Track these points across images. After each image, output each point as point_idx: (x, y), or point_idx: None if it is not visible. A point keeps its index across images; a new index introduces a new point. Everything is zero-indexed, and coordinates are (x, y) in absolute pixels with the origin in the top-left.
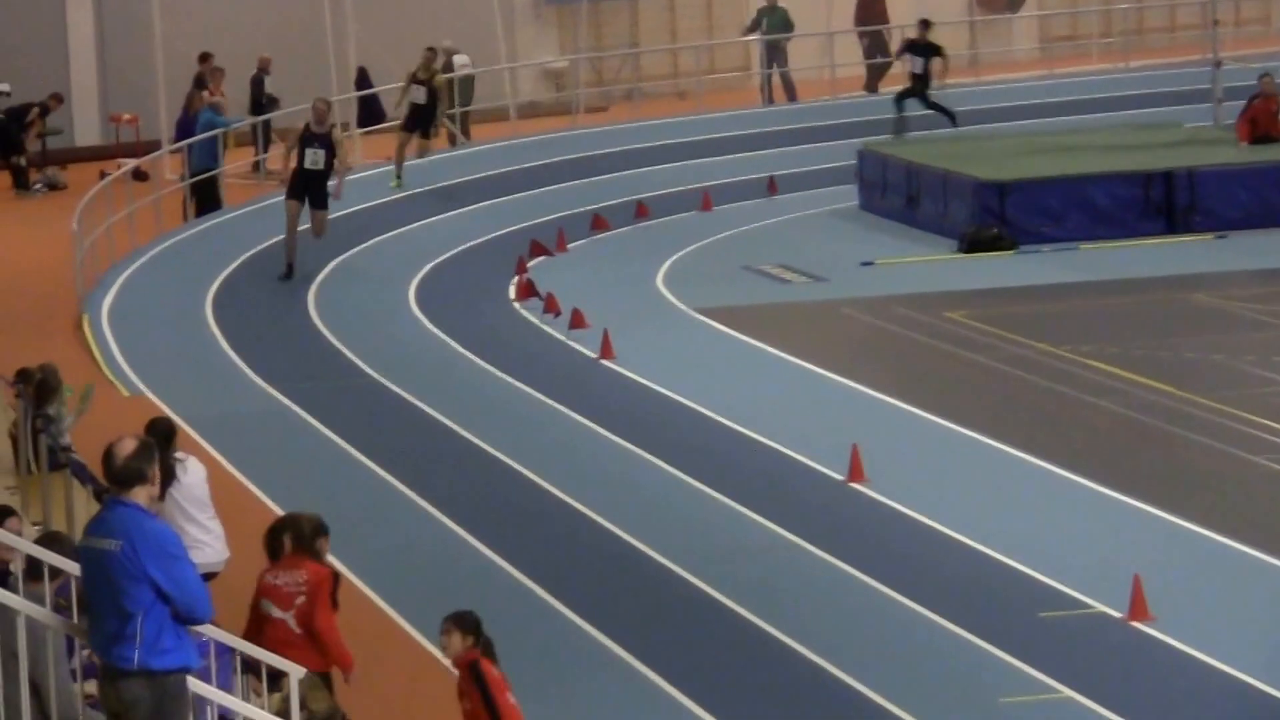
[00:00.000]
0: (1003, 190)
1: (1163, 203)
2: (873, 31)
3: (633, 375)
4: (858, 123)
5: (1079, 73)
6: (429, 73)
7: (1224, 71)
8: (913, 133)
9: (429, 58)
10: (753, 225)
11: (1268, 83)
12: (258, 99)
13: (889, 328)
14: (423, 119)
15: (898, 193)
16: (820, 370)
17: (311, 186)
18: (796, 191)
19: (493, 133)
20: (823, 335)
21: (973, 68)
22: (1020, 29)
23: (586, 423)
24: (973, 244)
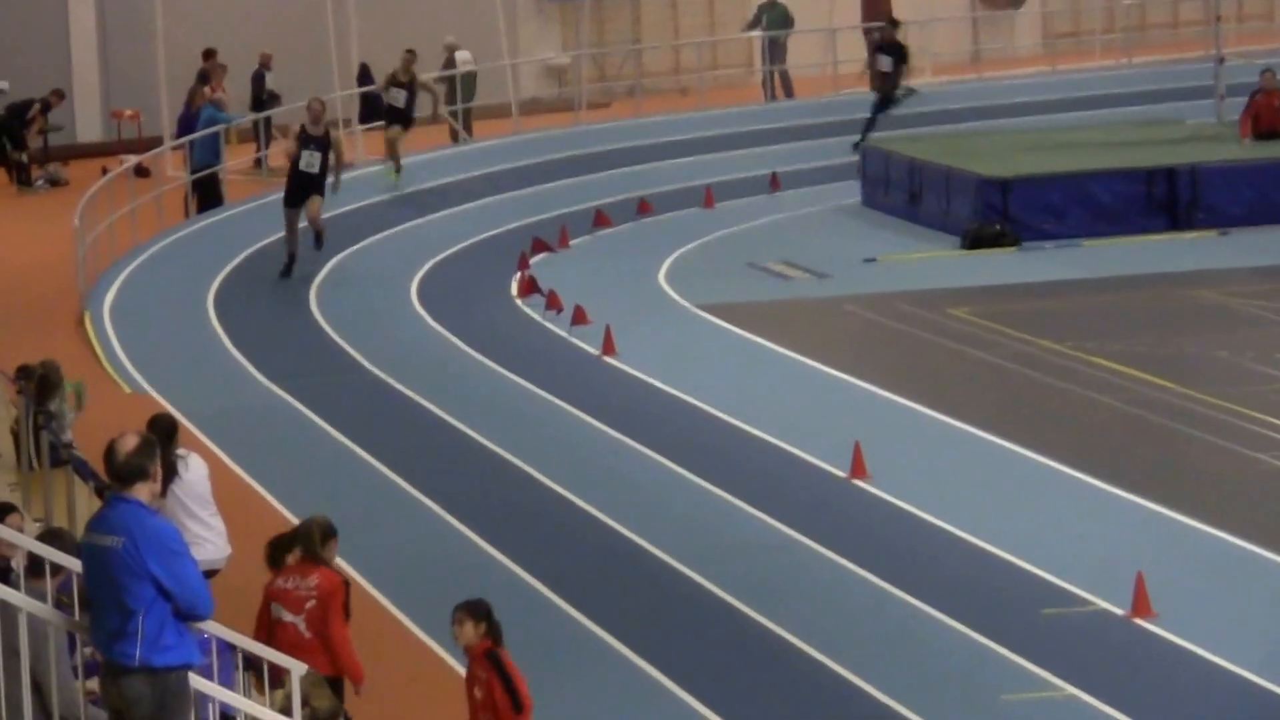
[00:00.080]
0: (1005, 187)
1: (1165, 199)
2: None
3: (635, 372)
4: (860, 119)
5: (1081, 69)
6: (409, 75)
7: (1227, 67)
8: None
9: (408, 60)
10: (755, 222)
11: (1269, 78)
12: (258, 95)
13: (891, 324)
14: (401, 121)
15: (900, 189)
16: (822, 367)
17: (307, 189)
18: (799, 188)
19: (495, 129)
20: (825, 332)
21: (975, 64)
22: (1023, 25)
23: (588, 419)
24: (975, 240)
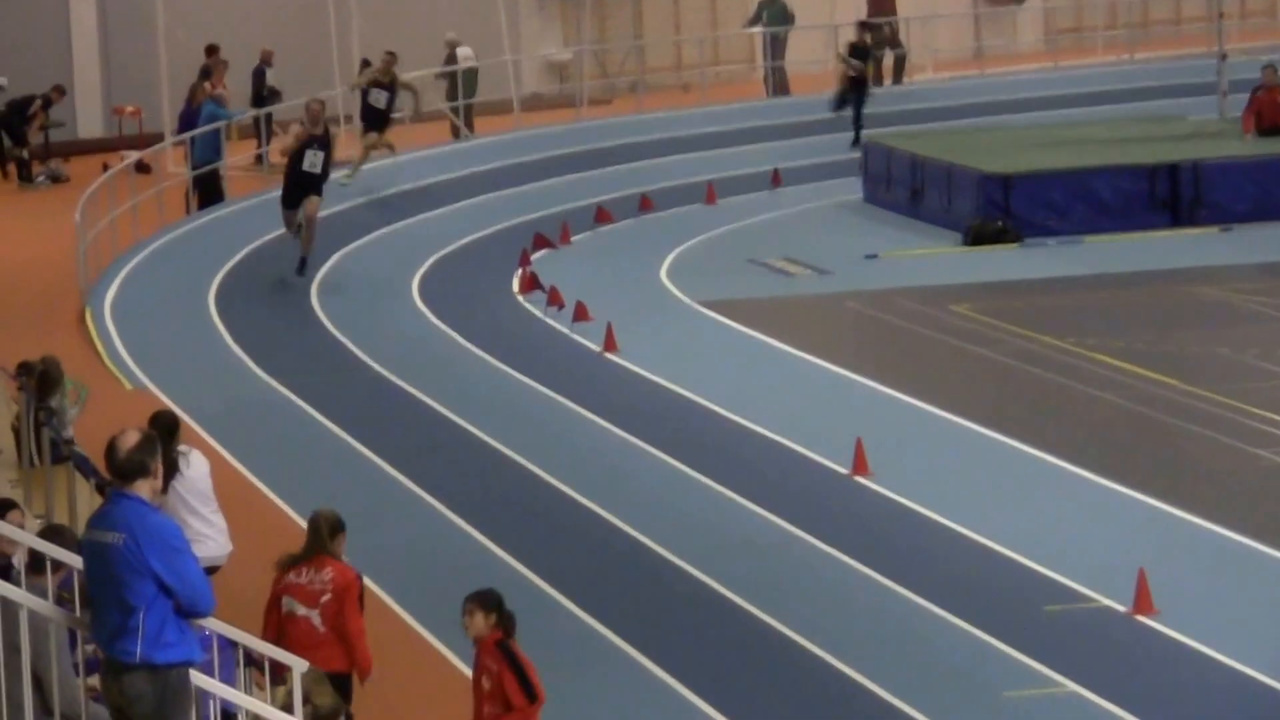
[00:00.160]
0: (1007, 183)
1: (1168, 196)
2: (882, 23)
3: (636, 368)
4: (862, 115)
5: (1084, 65)
6: (389, 76)
7: (1229, 64)
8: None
9: (389, 61)
10: (757, 218)
11: (1271, 74)
12: (259, 91)
13: (893, 321)
14: (381, 123)
15: (902, 186)
16: (824, 363)
17: (306, 188)
18: (801, 184)
19: (496, 125)
20: (826, 328)
21: (978, 60)
22: (1025, 21)
23: (589, 415)
24: (977, 237)
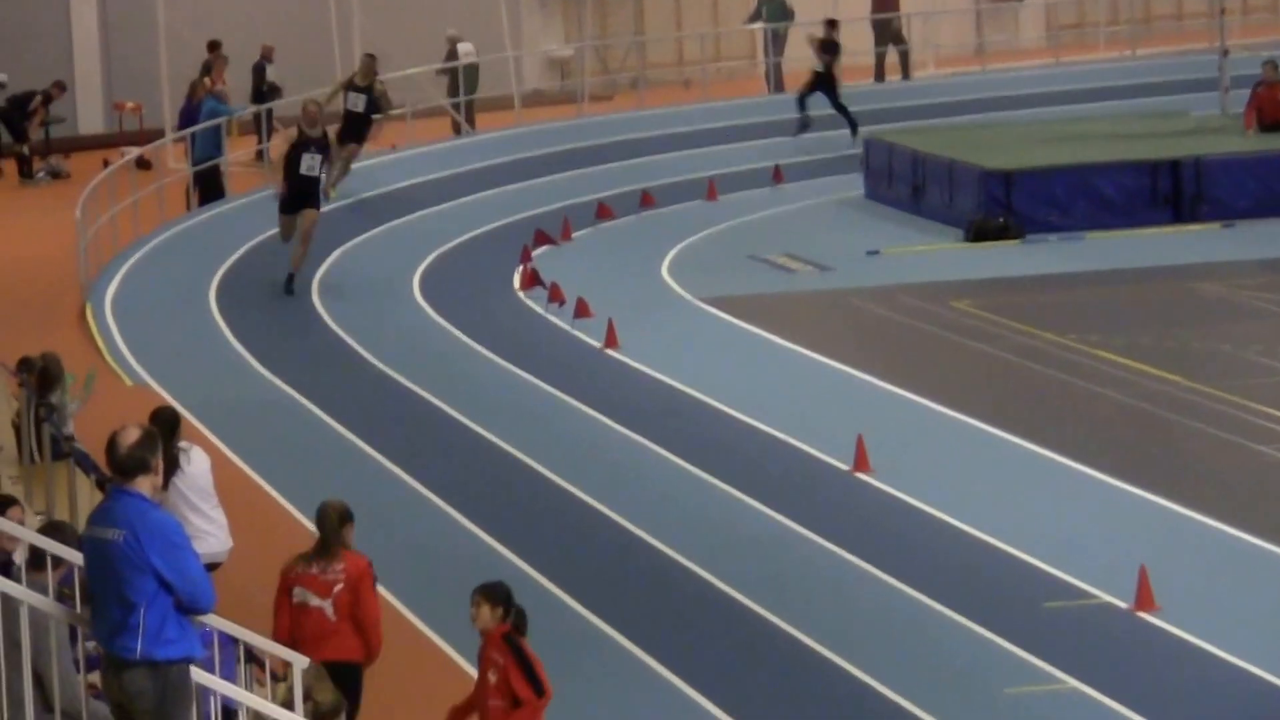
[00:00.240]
0: (1009, 179)
1: (1169, 192)
2: (885, 20)
3: (637, 365)
4: (864, 111)
5: (1085, 61)
6: (367, 79)
7: (1231, 60)
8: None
9: (368, 64)
10: (758, 214)
11: (1272, 70)
12: (259, 87)
13: (895, 317)
14: (359, 127)
15: (904, 182)
16: (825, 360)
17: (305, 195)
18: (802, 180)
19: (497, 121)
20: (828, 325)
21: (979, 56)
22: (1027, 17)
23: (590, 412)
24: (979, 233)
